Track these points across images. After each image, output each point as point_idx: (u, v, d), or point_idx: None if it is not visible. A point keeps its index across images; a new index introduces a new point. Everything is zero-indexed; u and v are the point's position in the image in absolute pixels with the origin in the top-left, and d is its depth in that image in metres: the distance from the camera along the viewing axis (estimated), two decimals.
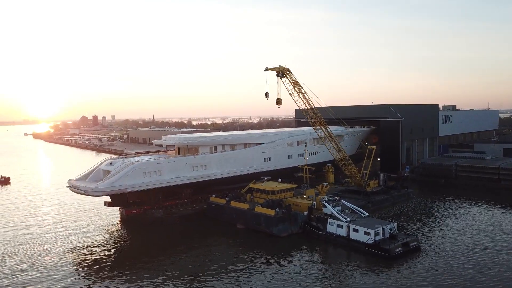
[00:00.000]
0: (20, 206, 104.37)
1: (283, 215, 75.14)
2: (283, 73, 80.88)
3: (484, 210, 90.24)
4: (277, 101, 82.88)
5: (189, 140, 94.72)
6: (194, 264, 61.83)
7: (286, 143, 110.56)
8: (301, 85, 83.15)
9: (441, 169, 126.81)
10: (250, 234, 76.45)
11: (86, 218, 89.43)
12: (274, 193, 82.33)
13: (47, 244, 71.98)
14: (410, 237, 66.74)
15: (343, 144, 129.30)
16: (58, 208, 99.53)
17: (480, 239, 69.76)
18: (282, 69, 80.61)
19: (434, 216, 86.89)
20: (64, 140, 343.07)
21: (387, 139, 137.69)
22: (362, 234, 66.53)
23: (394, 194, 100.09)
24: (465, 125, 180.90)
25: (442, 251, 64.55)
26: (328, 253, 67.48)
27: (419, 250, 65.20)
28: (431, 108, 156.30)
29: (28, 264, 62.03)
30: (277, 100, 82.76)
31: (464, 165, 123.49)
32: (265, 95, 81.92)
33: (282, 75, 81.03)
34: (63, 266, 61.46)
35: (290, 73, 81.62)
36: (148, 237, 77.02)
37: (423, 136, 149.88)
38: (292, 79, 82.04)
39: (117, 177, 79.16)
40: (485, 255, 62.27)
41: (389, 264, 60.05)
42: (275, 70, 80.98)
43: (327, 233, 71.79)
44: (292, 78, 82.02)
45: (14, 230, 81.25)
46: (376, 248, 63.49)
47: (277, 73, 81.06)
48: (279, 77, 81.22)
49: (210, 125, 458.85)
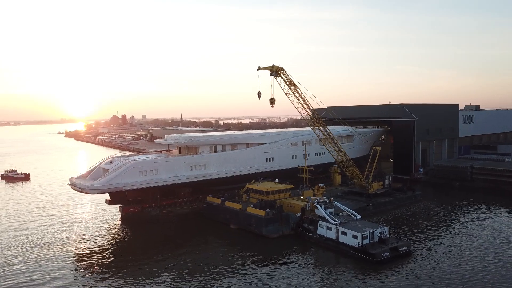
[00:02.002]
0: (33, 201, 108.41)
1: (273, 216, 74.20)
2: (277, 73, 79.70)
3: (496, 217, 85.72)
4: (271, 100, 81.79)
5: (188, 140, 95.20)
6: (175, 263, 61.86)
7: (290, 143, 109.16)
8: (296, 85, 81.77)
9: (456, 172, 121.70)
10: (242, 234, 75.95)
11: (90, 215, 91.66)
12: (269, 193, 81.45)
13: (46, 241, 74.15)
14: (401, 242, 64.33)
15: (353, 144, 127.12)
16: (67, 205, 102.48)
17: (479, 249, 65.35)
18: (276, 68, 79.44)
19: (436, 220, 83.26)
20: (92, 139, 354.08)
21: (400, 139, 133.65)
22: (350, 237, 64.67)
23: (399, 197, 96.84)
24: (489, 125, 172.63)
25: (431, 259, 61.50)
26: (316, 256, 65.88)
27: (409, 256, 62.70)
28: (451, 107, 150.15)
29: (28, 260, 63.93)
30: (270, 99, 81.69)
31: (480, 167, 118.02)
32: (258, 94, 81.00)
33: (276, 75, 79.89)
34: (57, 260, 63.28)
35: (284, 72, 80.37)
36: (141, 235, 77.91)
37: (441, 136, 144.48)
38: (287, 79, 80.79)
39: (113, 175, 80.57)
40: (476, 272, 55.88)
41: (375, 269, 57.95)
42: (268, 69, 79.86)
43: (317, 235, 70.34)
44: (287, 78, 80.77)
45: (22, 224, 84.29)
46: (363, 252, 61.53)
47: (270, 73, 79.97)
48: (273, 76, 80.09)
49: (236, 124, 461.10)
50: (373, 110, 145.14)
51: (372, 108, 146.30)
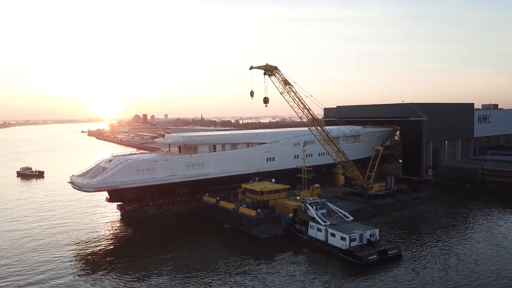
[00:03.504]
0: (42, 199, 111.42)
1: (264, 216, 73.59)
2: (271, 72, 79.01)
3: (498, 220, 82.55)
4: (264, 100, 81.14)
5: (186, 139, 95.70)
6: (159, 262, 61.95)
7: (292, 143, 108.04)
8: (291, 84, 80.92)
9: (466, 173, 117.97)
10: (235, 234, 75.63)
11: (91, 213, 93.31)
12: (263, 193, 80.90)
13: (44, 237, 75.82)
14: (390, 245, 62.69)
15: (359, 144, 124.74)
16: (72, 203, 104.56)
17: (470, 254, 62.77)
18: (270, 67, 78.74)
19: (435, 223, 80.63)
20: (112, 138, 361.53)
21: (409, 140, 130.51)
22: (339, 239, 63.49)
23: (402, 198, 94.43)
24: (508, 125, 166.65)
25: (420, 263, 59.53)
26: (304, 258, 64.31)
27: (399, 259, 61.01)
28: (465, 107, 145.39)
29: (28, 255, 65.57)
30: (264, 99, 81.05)
31: (491, 169, 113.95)
32: (250, 94, 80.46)
33: (270, 74, 79.22)
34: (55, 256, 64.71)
35: (278, 71, 79.55)
36: (132, 233, 78.66)
37: (454, 137, 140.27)
38: (281, 78, 80.00)
39: (109, 174, 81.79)
40: (462, 278, 53.45)
41: (360, 272, 56.64)
42: (261, 68, 79.26)
43: (308, 236, 69.39)
44: (281, 77, 79.98)
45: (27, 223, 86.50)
46: (349, 255, 60.28)
47: (264, 72, 79.35)
48: (266, 75, 79.43)
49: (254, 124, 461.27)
50: (383, 109, 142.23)
51: (381, 108, 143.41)
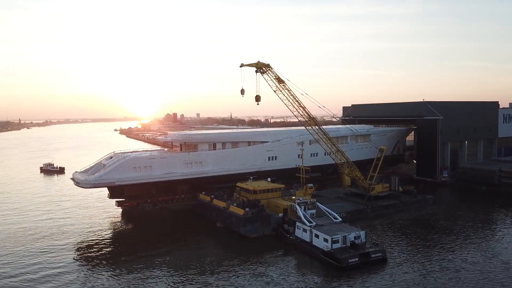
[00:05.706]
0: (56, 193, 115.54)
1: (253, 216, 72.74)
2: (263, 69, 77.87)
3: (501, 225, 77.94)
4: (256, 98, 80.00)
5: (185, 138, 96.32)
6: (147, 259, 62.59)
7: (295, 142, 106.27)
8: (285, 82, 79.42)
9: (483, 175, 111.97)
10: (227, 233, 75.18)
11: (95, 207, 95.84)
12: (256, 192, 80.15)
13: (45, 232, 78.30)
14: (375, 248, 60.42)
15: (369, 144, 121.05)
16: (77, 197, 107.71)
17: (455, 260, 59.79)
18: (261, 65, 77.49)
19: (433, 226, 77.15)
20: (140, 136, 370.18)
21: (423, 139, 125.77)
22: (322, 240, 61.85)
23: (405, 200, 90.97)
24: None
25: (403, 268, 57.00)
26: (289, 260, 62.57)
27: (383, 263, 58.68)
28: (488, 105, 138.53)
29: (26, 251, 67.15)
30: (256, 97, 79.93)
31: (509, 170, 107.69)
32: (241, 92, 79.54)
33: (262, 71, 78.12)
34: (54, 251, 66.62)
35: (271, 69, 78.27)
36: (126, 230, 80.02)
37: (475, 137, 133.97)
38: (274, 76, 78.73)
39: (107, 170, 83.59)
40: (440, 284, 50.95)
41: (338, 275, 54.90)
42: (253, 66, 78.19)
43: (294, 237, 68.09)
44: (274, 74, 78.71)
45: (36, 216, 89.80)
46: (329, 257, 58.58)
47: (256, 69, 78.32)
48: (259, 73, 78.35)
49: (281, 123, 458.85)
50: (397, 108, 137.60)
51: (395, 106, 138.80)
